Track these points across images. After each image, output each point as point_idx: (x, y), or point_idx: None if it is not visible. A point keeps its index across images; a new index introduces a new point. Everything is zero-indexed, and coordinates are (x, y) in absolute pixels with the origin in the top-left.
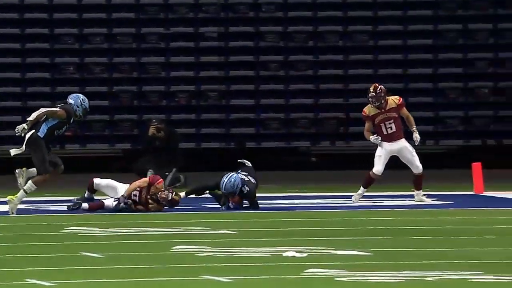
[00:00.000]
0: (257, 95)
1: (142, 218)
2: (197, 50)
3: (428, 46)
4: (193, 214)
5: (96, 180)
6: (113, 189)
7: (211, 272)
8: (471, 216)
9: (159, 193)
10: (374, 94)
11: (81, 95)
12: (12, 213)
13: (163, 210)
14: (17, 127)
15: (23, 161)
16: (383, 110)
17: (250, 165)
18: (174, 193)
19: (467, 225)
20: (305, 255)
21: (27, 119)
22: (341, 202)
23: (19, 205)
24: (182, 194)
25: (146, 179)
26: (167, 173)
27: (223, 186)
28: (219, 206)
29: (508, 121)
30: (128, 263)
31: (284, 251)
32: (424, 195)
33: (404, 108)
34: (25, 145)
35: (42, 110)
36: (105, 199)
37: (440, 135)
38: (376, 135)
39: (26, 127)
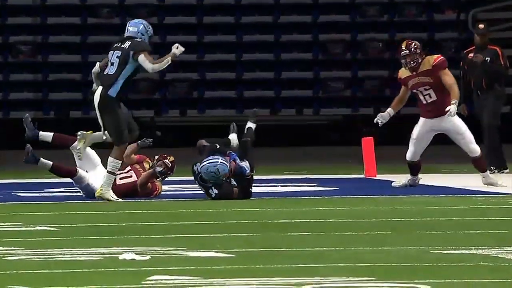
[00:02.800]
0: (83, 49)
1: None
2: None
3: None
4: None
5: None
6: (91, 162)
7: (23, 282)
8: (360, 206)
9: (158, 162)
10: (407, 52)
11: (142, 19)
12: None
13: None
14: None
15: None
16: (415, 73)
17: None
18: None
19: (355, 218)
20: (147, 257)
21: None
22: (194, 188)
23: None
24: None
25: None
26: None
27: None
28: (34, 194)
29: None
30: None
31: (121, 253)
32: (493, 171)
33: (446, 72)
34: (97, 108)
35: (149, 56)
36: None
37: (320, 101)
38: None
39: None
